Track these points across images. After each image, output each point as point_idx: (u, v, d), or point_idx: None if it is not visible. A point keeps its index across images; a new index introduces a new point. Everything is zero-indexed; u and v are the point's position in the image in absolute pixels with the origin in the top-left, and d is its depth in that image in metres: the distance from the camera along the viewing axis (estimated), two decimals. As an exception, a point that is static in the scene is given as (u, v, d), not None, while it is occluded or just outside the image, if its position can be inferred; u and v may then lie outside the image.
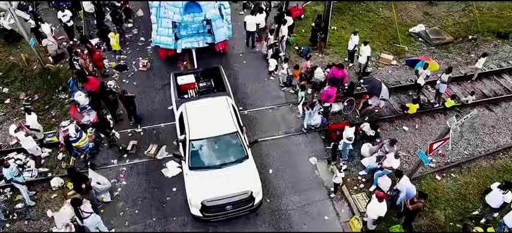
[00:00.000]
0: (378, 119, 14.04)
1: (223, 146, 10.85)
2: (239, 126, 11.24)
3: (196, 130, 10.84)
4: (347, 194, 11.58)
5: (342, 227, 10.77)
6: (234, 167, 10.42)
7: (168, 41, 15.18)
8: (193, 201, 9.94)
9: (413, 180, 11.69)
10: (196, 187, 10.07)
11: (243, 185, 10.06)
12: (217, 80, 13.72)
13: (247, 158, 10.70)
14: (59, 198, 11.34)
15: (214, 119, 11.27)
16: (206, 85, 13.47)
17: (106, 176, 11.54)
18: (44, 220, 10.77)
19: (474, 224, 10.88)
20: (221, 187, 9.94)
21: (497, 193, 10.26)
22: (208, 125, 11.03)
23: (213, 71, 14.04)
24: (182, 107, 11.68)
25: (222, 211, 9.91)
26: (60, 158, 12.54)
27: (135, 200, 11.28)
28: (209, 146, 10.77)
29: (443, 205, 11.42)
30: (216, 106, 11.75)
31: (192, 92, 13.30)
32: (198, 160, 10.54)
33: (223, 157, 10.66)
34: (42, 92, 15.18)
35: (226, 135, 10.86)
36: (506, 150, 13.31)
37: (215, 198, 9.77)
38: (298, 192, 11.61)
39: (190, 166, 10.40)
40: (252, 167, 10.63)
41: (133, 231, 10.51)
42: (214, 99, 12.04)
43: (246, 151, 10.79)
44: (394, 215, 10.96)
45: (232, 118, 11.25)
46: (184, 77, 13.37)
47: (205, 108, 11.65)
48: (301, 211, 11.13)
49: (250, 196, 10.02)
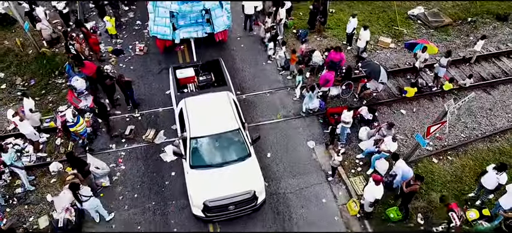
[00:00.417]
0: (375, 103, 14.09)
1: (225, 143, 10.53)
2: (241, 122, 10.96)
3: (197, 128, 10.52)
4: (344, 177, 11.72)
5: (339, 210, 10.93)
6: (237, 165, 10.15)
7: (165, 31, 14.83)
8: (195, 201, 9.70)
9: (410, 163, 11.84)
10: (198, 186, 9.82)
11: (246, 184, 9.81)
12: (218, 73, 13.31)
13: (249, 156, 10.41)
14: (58, 183, 11.42)
15: (216, 115, 10.95)
16: (206, 79, 12.95)
17: (105, 161, 11.61)
18: (43, 204, 10.87)
19: (469, 206, 11.06)
20: (223, 186, 9.70)
21: (492, 174, 10.40)
22: (209, 122, 10.70)
23: (213, 63, 13.62)
24: (182, 103, 11.34)
25: (224, 211, 9.69)
26: (58, 143, 12.58)
27: (134, 184, 11.39)
28: (210, 144, 10.46)
29: (440, 187, 11.58)
30: (217, 102, 11.40)
31: (191, 86, 12.97)
32: (199, 159, 10.25)
33: (225, 155, 10.36)
34: (39, 77, 15.12)
35: (228, 132, 10.55)
36: (503, 133, 13.43)
37: (217, 198, 9.53)
38: (296, 175, 11.74)
39: (191, 165, 10.13)
40: (255, 166, 10.34)
41: (132, 215, 10.64)
42: (215, 95, 11.67)
43: (248, 148, 10.50)
44: (390, 198, 11.13)
45: (234, 114, 10.92)
46: (183, 71, 12.99)
47: (205, 105, 11.31)
48: (299, 194, 11.27)
49: (253, 196, 9.78)
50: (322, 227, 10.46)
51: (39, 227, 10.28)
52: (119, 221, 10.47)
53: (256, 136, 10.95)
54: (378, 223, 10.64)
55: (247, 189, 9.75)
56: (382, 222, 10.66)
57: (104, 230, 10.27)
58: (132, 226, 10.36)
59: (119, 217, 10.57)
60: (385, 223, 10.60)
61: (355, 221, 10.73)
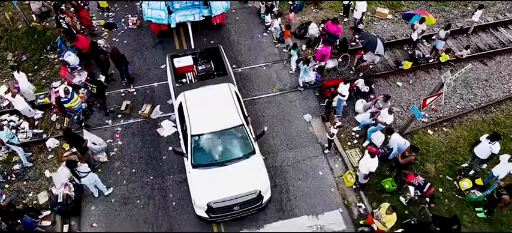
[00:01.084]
0: (372, 75, 14.15)
1: (228, 140, 10.06)
2: (244, 117, 10.50)
3: (198, 124, 10.03)
4: (341, 150, 11.93)
5: (335, 182, 11.19)
6: (241, 163, 9.77)
7: (160, 15, 14.13)
8: (198, 202, 9.38)
9: (405, 135, 12.04)
10: (201, 187, 9.48)
11: (251, 184, 9.50)
12: (218, 61, 12.72)
13: (254, 154, 10.02)
14: (55, 159, 11.53)
15: (217, 110, 10.42)
16: (206, 68, 12.35)
17: (101, 137, 11.69)
18: (42, 180, 11.02)
19: (463, 176, 11.36)
20: (227, 186, 9.37)
21: (485, 144, 10.63)
22: (211, 118, 10.20)
23: (213, 51, 12.99)
24: (181, 96, 10.79)
25: (228, 212, 9.41)
26: (54, 120, 12.60)
27: (131, 159, 11.53)
28: (213, 142, 9.96)
29: (434, 158, 11.83)
30: (219, 95, 10.81)
31: (190, 76, 12.40)
32: (201, 157, 9.81)
33: (228, 152, 9.94)
34: (30, 52, 14.94)
35: (231, 129, 10.07)
36: (498, 103, 13.61)
37: (222, 199, 9.23)
38: (293, 148, 11.92)
39: (193, 164, 9.76)
40: (259, 163, 10.00)
41: (131, 189, 10.84)
42: (216, 88, 11.03)
43: (252, 145, 10.09)
44: (386, 169, 11.38)
45: (237, 109, 10.40)
46: (181, 59, 12.35)
47: (206, 99, 10.72)
48: (296, 166, 11.49)
49: (258, 195, 9.49)
50: (318, 199, 10.73)
51: (39, 202, 10.46)
52: (118, 196, 10.68)
53: (260, 131, 10.49)
54: (373, 194, 10.94)
55: (253, 189, 9.43)
56: (377, 193, 10.95)
57: (103, 205, 10.48)
58: (132, 200, 10.57)
59: (118, 191, 10.77)
60: (381, 194, 10.89)
61: (351, 192, 11.02)
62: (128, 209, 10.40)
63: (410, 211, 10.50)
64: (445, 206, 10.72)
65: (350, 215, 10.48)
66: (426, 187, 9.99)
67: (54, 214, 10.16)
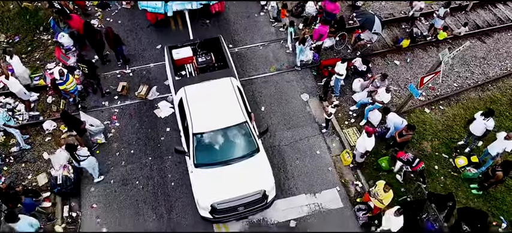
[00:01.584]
0: (369, 54, 14.17)
1: (232, 138, 9.85)
2: (247, 112, 10.26)
3: (200, 122, 9.75)
4: (338, 129, 12.06)
5: (332, 161, 11.36)
6: (245, 162, 9.57)
7: (156, 3, 13.63)
8: (202, 203, 9.21)
9: (403, 114, 12.17)
10: (204, 187, 9.30)
11: (256, 183, 9.36)
12: (218, 52, 12.29)
13: (258, 152, 9.82)
14: (53, 141, 11.60)
15: (220, 107, 10.12)
16: (206, 60, 11.94)
17: (98, 118, 11.73)
18: (41, 162, 11.11)
19: (459, 154, 11.57)
20: (232, 187, 9.21)
21: (480, 121, 10.79)
22: (213, 115, 9.92)
23: (212, 42, 12.53)
24: (181, 92, 10.44)
25: (233, 212, 9.31)
26: (49, 102, 12.60)
27: (129, 140, 11.62)
28: (216, 140, 9.76)
29: (431, 136, 12.01)
30: (221, 91, 10.48)
31: (190, 68, 12.08)
32: (204, 157, 9.58)
33: (232, 151, 9.74)
34: (23, 33, 14.77)
35: (235, 126, 9.83)
36: (495, 81, 13.73)
37: (226, 200, 9.10)
38: (291, 128, 12.05)
39: (195, 163, 9.55)
40: (264, 162, 9.78)
41: (130, 170, 10.98)
42: (218, 82, 10.68)
43: (256, 142, 9.89)
44: (382, 148, 11.55)
45: (240, 105, 10.13)
46: (180, 50, 11.96)
47: (208, 94, 10.40)
48: (294, 146, 11.64)
49: (263, 195, 9.38)
50: (316, 178, 10.92)
51: (38, 184, 10.58)
52: (117, 177, 10.81)
53: (264, 128, 10.22)
54: (370, 172, 11.14)
55: (257, 189, 9.29)
56: (374, 171, 11.15)
57: (102, 186, 10.62)
58: (131, 181, 10.71)
59: (117, 172, 10.89)
60: (377, 172, 11.09)
61: (348, 171, 11.21)
62: (127, 190, 10.56)
63: (407, 188, 10.74)
64: (440, 184, 10.96)
65: (347, 194, 10.70)
66: (415, 162, 10.19)
67: (54, 195, 10.30)
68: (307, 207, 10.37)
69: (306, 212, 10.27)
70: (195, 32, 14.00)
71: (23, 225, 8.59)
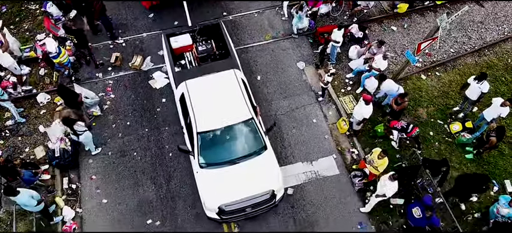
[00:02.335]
0: (366, 20, 14.12)
1: (238, 136, 9.61)
2: (253, 107, 9.95)
3: (204, 120, 9.44)
4: (334, 97, 12.22)
5: (329, 129, 11.59)
6: (252, 161, 9.35)
7: None
8: (209, 205, 9.08)
9: (399, 80, 12.30)
10: (211, 189, 9.12)
11: (264, 183, 9.20)
12: (218, 38, 11.81)
13: (265, 149, 9.62)
14: (48, 114, 11.66)
15: (224, 102, 9.78)
16: (207, 49, 11.37)
17: (93, 90, 11.75)
18: (37, 135, 11.22)
19: (454, 120, 11.82)
20: (239, 187, 9.05)
21: (474, 85, 10.97)
22: (218, 111, 9.61)
23: (212, 28, 12.01)
24: (183, 86, 10.05)
25: (240, 213, 9.18)
26: (42, 74, 12.55)
27: (125, 112, 11.72)
28: (221, 138, 9.53)
29: (426, 103, 12.21)
30: (224, 84, 10.08)
31: (189, 56, 11.62)
32: (209, 156, 9.38)
33: (238, 150, 9.50)
34: (9, 3, 14.47)
35: (241, 123, 9.56)
36: (492, 46, 13.81)
37: (234, 202, 8.96)
38: (287, 97, 12.18)
39: (200, 164, 9.34)
40: (271, 160, 9.59)
41: (127, 142, 11.15)
42: (221, 76, 10.23)
43: (263, 140, 9.66)
44: (378, 115, 11.76)
45: (245, 100, 9.80)
46: (178, 38, 11.39)
47: (211, 89, 9.98)
48: (290, 115, 11.82)
49: (271, 195, 9.23)
50: (313, 146, 11.17)
51: (36, 157, 10.73)
52: (115, 149, 10.99)
53: (271, 124, 9.99)
54: (366, 139, 11.40)
55: (266, 189, 9.15)
56: (370, 138, 11.41)
57: (100, 158, 10.82)
58: (129, 152, 10.91)
59: (114, 144, 11.07)
60: (373, 139, 11.35)
61: (344, 138, 11.46)
62: (125, 161, 10.77)
63: (402, 154, 11.04)
64: (435, 149, 11.26)
65: (343, 161, 11.00)
66: (410, 128, 10.44)
67: (52, 167, 10.48)
68: (304, 175, 10.68)
69: (303, 180, 10.59)
70: (193, 17, 13.71)
71: (23, 198, 8.76)
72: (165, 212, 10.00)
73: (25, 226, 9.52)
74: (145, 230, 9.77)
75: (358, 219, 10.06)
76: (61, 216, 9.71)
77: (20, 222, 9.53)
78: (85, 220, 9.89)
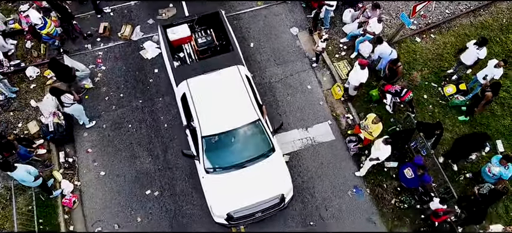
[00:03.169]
0: (361, -18, 14.09)
1: (245, 139, 9.46)
2: (259, 107, 9.73)
3: (209, 123, 9.24)
4: (329, 63, 12.40)
5: (324, 95, 11.86)
6: (260, 164, 9.23)
7: None
8: (217, 212, 8.99)
9: (393, 44, 12.48)
10: (219, 195, 9.03)
11: (273, 188, 9.13)
12: (218, 27, 11.47)
13: (273, 151, 9.47)
14: (38, 87, 11.72)
15: (229, 103, 9.54)
16: (207, 41, 10.97)
17: (83, 63, 11.80)
18: (29, 110, 11.32)
19: (447, 82, 12.13)
20: (248, 193, 8.98)
21: (472, 50, 11.17)
22: (223, 113, 9.40)
23: (211, 16, 11.49)
24: (184, 85, 9.80)
25: (249, 217, 9.11)
26: (29, 47, 12.50)
27: (118, 84, 11.84)
28: (227, 142, 9.39)
29: (421, 66, 12.45)
30: (228, 83, 9.81)
31: (188, 48, 11.33)
32: (215, 160, 9.27)
33: (245, 152, 9.36)
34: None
35: (247, 125, 9.38)
36: (487, 6, 13.92)
37: (243, 208, 8.89)
38: (281, 64, 12.35)
39: (206, 169, 9.23)
40: (280, 162, 9.47)
41: (121, 114, 11.34)
42: (225, 73, 9.94)
43: (271, 141, 9.52)
44: (373, 80, 12.01)
45: (251, 100, 9.57)
46: (176, 29, 11.06)
47: (214, 88, 9.71)
48: (285, 82, 12.03)
49: (281, 199, 9.19)
50: (308, 112, 11.47)
51: (30, 132, 10.89)
52: (110, 122, 11.19)
53: (278, 124, 9.88)
54: (360, 104, 11.70)
55: (275, 194, 9.09)
56: (365, 103, 11.71)
57: (95, 131, 11.04)
58: (123, 124, 11.13)
59: (109, 117, 11.27)
60: (368, 104, 11.66)
61: (339, 104, 11.76)
62: (121, 134, 11.00)
63: (396, 118, 11.40)
64: (429, 112, 11.62)
65: (338, 126, 11.35)
66: (403, 92, 10.73)
67: (48, 142, 10.67)
68: (300, 141, 11.03)
69: (298, 147, 10.95)
70: (189, 6, 13.31)
71: (20, 173, 8.94)
72: (164, 183, 10.35)
73: (25, 200, 9.81)
74: (145, 200, 10.15)
75: (353, 183, 10.52)
76: (60, 190, 10.01)
77: (20, 197, 9.82)
78: (84, 192, 10.21)
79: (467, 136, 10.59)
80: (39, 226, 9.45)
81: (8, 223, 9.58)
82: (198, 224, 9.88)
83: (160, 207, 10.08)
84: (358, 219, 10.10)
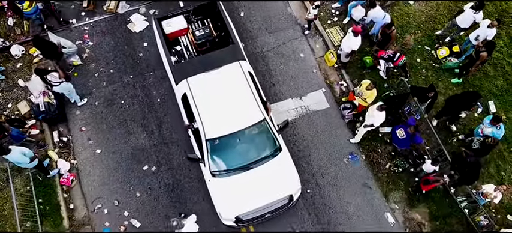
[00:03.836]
0: None
1: (250, 140, 9.52)
2: (263, 103, 9.70)
3: (213, 125, 9.21)
4: (321, 29, 12.62)
5: (317, 63, 12.14)
6: (267, 165, 9.31)
7: None
8: (225, 215, 9.15)
9: (386, 7, 12.70)
10: (226, 198, 9.16)
11: (281, 188, 9.28)
12: (215, 18, 11.29)
13: (280, 151, 9.55)
14: (25, 66, 11.78)
15: (233, 103, 9.46)
16: (205, 34, 10.76)
17: (69, 39, 11.80)
18: (18, 90, 11.43)
19: (441, 45, 12.46)
20: (256, 195, 9.08)
21: (469, 13, 11.40)
22: (227, 114, 9.35)
23: (207, 6, 11.24)
24: (184, 85, 9.68)
25: (258, 219, 9.29)
26: (11, 24, 12.43)
27: (107, 60, 11.95)
28: (233, 144, 9.39)
29: (414, 29, 12.72)
30: (231, 81, 9.69)
31: (185, 41, 11.22)
32: (221, 163, 9.33)
33: (251, 154, 9.41)
34: None
35: (253, 126, 9.36)
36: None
37: (251, 211, 9.04)
38: (272, 32, 12.53)
39: (212, 172, 9.30)
40: (287, 162, 9.58)
41: (113, 90, 11.53)
42: (226, 71, 9.79)
43: (277, 140, 9.58)
44: (366, 45, 12.29)
45: (256, 99, 9.50)
46: (171, 21, 10.74)
47: (216, 87, 9.61)
48: (277, 51, 12.27)
49: (289, 199, 9.34)
50: (301, 81, 11.79)
51: (21, 112, 11.04)
52: (101, 99, 11.39)
53: (283, 122, 9.85)
54: (354, 71, 12.04)
55: (284, 195, 9.25)
56: (358, 69, 12.04)
57: (88, 109, 11.24)
58: (116, 101, 11.35)
59: (100, 94, 11.45)
60: (361, 70, 12.00)
61: (332, 71, 12.08)
62: (114, 110, 11.24)
63: (390, 83, 11.78)
64: (422, 76, 12.01)
65: (332, 94, 11.73)
66: (396, 56, 11.06)
67: (40, 122, 10.87)
68: (294, 110, 11.40)
69: (293, 116, 11.33)
70: None
71: (15, 155, 9.15)
72: (160, 157, 10.72)
73: (22, 181, 10.12)
74: (143, 175, 10.52)
75: (348, 150, 11.01)
76: (57, 169, 10.32)
77: (17, 178, 10.11)
78: (81, 171, 10.54)
79: (458, 95, 10.99)
80: (39, 206, 9.82)
81: (7, 204, 9.93)
82: (196, 196, 10.32)
83: (159, 182, 10.48)
84: (354, 185, 10.65)
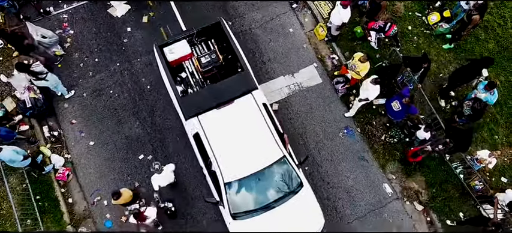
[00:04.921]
0: None
1: (271, 178, 9.52)
2: (280, 136, 9.75)
3: (230, 167, 9.27)
4: (309, 2, 13.05)
5: (307, 37, 12.65)
6: (289, 203, 9.40)
7: None
8: None
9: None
10: None
11: (305, 226, 9.41)
12: (219, 38, 11.09)
13: (302, 186, 9.63)
14: (5, 60, 12.00)
15: (249, 141, 9.45)
16: (211, 60, 10.46)
17: (48, 28, 12.01)
18: (1, 86, 11.68)
19: (431, 10, 13.03)
20: None
21: None
22: (244, 153, 9.37)
23: (212, 28, 11.03)
24: (195, 123, 9.68)
25: None
26: (-15, 17, 12.58)
27: (90, 48, 12.24)
28: (252, 184, 9.44)
29: (405, -3, 13.26)
30: (245, 116, 9.65)
31: (190, 67, 11.03)
32: (241, 205, 9.39)
33: (272, 192, 9.48)
34: None
35: (272, 165, 9.43)
36: None
37: None
38: (259, 8, 12.90)
39: (232, 215, 9.37)
40: (310, 198, 9.69)
41: (100, 80, 11.89)
42: (239, 105, 9.76)
43: (298, 176, 9.65)
44: (356, 15, 12.79)
45: (273, 135, 9.54)
46: (174, 47, 10.52)
47: (230, 124, 9.58)
48: (265, 27, 12.69)
49: None
50: (292, 57, 12.31)
51: (7, 109, 11.31)
52: (89, 89, 11.77)
53: (303, 157, 10.00)
54: (345, 43, 12.59)
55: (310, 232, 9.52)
56: (349, 41, 12.59)
57: (76, 101, 11.61)
58: (104, 90, 11.75)
59: (87, 84, 11.81)
60: (352, 42, 12.56)
61: (323, 45, 12.62)
62: (103, 100, 11.65)
63: (382, 54, 12.39)
64: (413, 44, 12.62)
65: (325, 69, 12.30)
66: (387, 26, 11.60)
67: (28, 118, 11.22)
68: (287, 88, 11.98)
69: (286, 93, 11.92)
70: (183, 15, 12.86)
71: (8, 154, 9.54)
72: (155, 145, 11.26)
73: (17, 179, 10.56)
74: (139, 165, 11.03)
75: (344, 124, 11.69)
76: (51, 164, 10.78)
77: (11, 176, 10.54)
78: (76, 164, 11.04)
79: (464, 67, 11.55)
80: (38, 203, 10.32)
81: (4, 203, 10.38)
82: (195, 180, 10.93)
83: (155, 169, 11.03)
84: (352, 159, 11.37)
